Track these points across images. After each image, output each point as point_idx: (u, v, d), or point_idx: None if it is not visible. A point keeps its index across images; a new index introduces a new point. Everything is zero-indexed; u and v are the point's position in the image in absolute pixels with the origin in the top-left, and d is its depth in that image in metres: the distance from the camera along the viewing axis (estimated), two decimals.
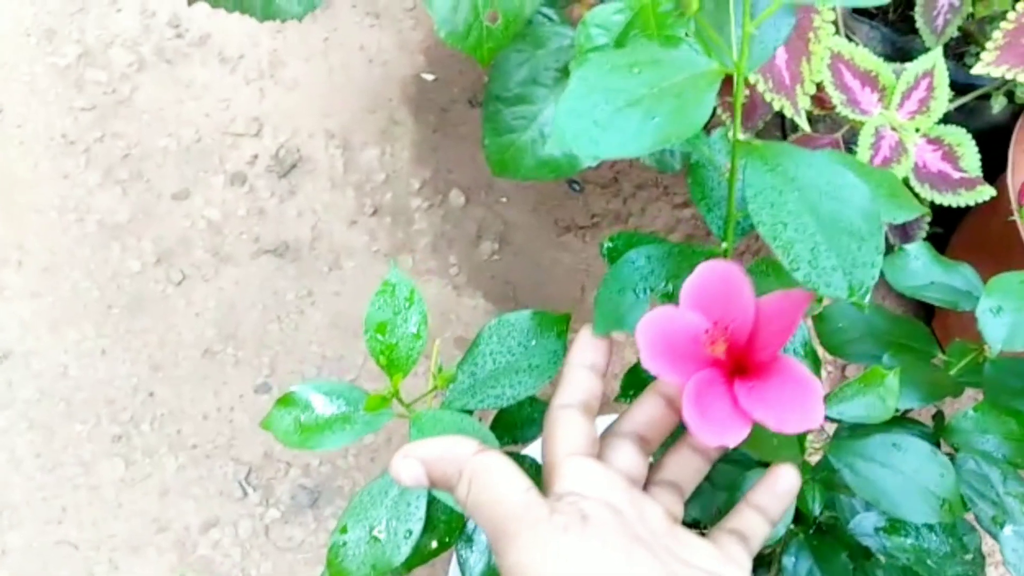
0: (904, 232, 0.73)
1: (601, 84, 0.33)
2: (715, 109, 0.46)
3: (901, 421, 0.45)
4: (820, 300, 0.52)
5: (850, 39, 0.85)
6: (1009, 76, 0.63)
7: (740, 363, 0.33)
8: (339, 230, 1.07)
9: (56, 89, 1.14)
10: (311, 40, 1.16)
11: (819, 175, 0.35)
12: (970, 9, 0.78)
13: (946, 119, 0.78)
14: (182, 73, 1.15)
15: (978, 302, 0.52)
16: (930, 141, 0.67)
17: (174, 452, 0.96)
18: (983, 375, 0.54)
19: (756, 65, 0.37)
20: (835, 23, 0.70)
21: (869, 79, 0.66)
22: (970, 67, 0.68)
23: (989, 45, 0.64)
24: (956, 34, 0.79)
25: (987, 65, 0.64)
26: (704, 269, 0.34)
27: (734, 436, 0.31)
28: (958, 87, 0.75)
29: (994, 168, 0.80)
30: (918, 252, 0.57)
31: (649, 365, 0.32)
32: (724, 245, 0.40)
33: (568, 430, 0.35)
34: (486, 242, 1.08)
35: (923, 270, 0.56)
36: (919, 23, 0.78)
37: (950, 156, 0.67)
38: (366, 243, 1.07)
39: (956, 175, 0.66)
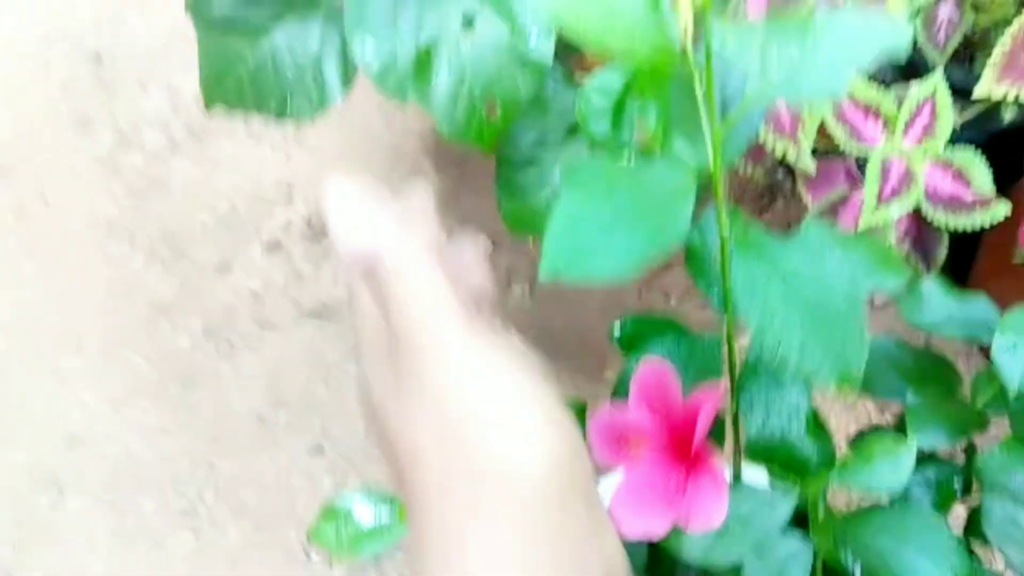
0: (924, 253, 0.73)
1: (582, 208, 0.34)
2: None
3: (910, 507, 0.45)
4: None
5: None
6: (1012, 95, 0.63)
7: (673, 458, 0.35)
8: None
9: (96, 176, 1.19)
10: None
11: (803, 262, 0.36)
12: (971, 19, 0.78)
13: (960, 128, 0.78)
14: (211, 148, 1.20)
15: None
16: (939, 165, 0.67)
17: (238, 521, 1.00)
18: (1008, 408, 0.54)
19: (735, 157, 0.39)
20: None
21: (871, 110, 0.67)
22: (980, 75, 0.68)
23: (988, 64, 0.65)
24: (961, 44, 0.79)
25: (988, 85, 0.64)
26: (643, 368, 0.36)
27: (658, 531, 0.33)
28: (969, 94, 0.75)
29: (1014, 172, 0.80)
30: (932, 287, 0.57)
31: (596, 457, 0.34)
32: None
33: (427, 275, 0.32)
34: (517, 285, 1.10)
35: (939, 305, 0.57)
36: (920, 40, 0.78)
37: (961, 177, 0.67)
38: None
39: (969, 196, 0.67)
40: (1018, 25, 0.63)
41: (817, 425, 0.42)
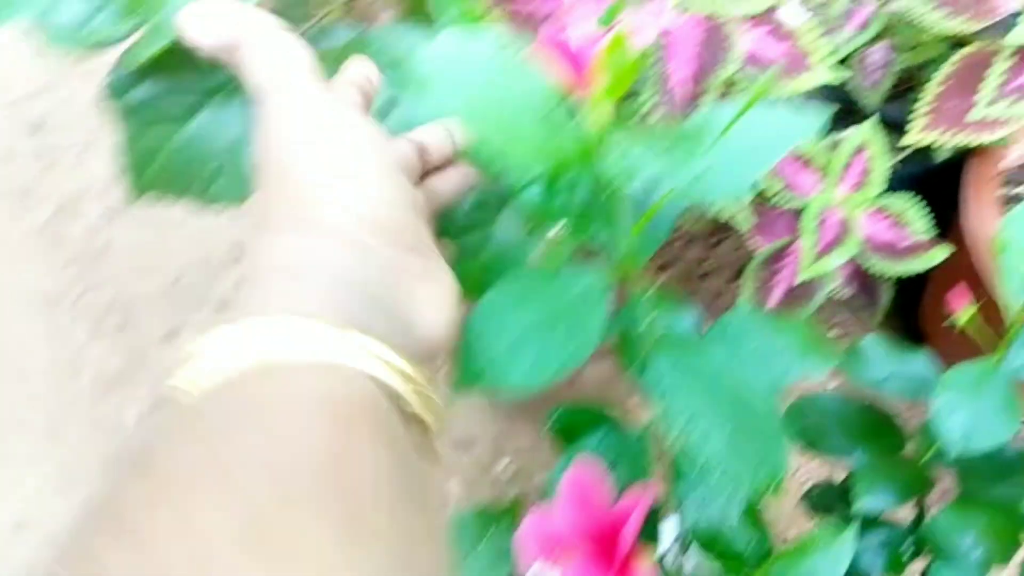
0: (868, 299, 0.73)
1: (494, 321, 0.34)
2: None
3: None
4: None
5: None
6: (940, 141, 0.63)
7: (601, 563, 0.34)
8: None
9: (35, 248, 1.16)
10: None
11: (725, 358, 0.35)
12: (905, 59, 0.78)
13: (901, 163, 0.78)
14: (155, 212, 1.17)
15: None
16: (875, 212, 0.67)
17: None
18: (954, 467, 0.54)
19: (651, 251, 0.38)
20: None
21: (804, 162, 0.67)
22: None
23: (917, 112, 0.65)
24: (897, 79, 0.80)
25: (918, 133, 0.64)
26: (572, 471, 0.35)
27: None
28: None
29: (955, 206, 0.80)
30: (872, 345, 0.57)
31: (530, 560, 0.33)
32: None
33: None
34: None
35: (880, 362, 0.57)
36: (855, 81, 0.78)
37: (898, 223, 0.67)
38: None
39: (906, 242, 0.67)
40: (943, 75, 0.64)
41: (753, 517, 0.41)
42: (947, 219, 0.77)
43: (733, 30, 0.58)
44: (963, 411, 0.49)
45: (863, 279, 0.74)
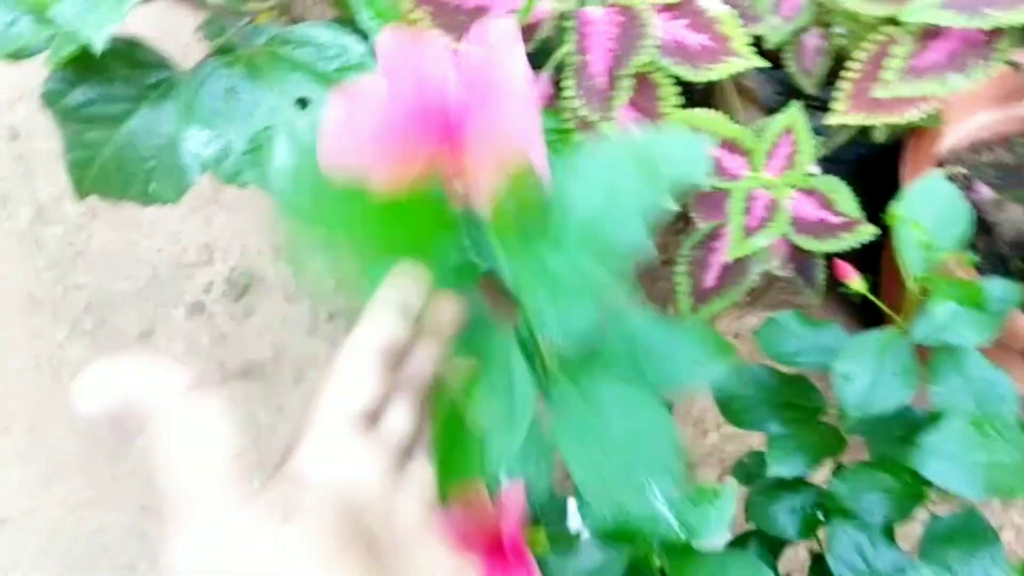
0: (806, 277, 0.75)
1: None
2: None
3: (734, 554, 0.45)
4: None
5: (741, 85, 0.88)
6: (861, 123, 0.65)
7: (494, 558, 0.35)
8: (299, 342, 1.11)
9: (16, 252, 1.19)
10: None
11: (622, 405, 0.36)
12: (840, 44, 0.80)
13: (842, 146, 0.80)
14: (130, 215, 1.20)
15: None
16: (804, 192, 0.69)
17: None
18: (864, 430, 0.56)
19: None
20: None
21: (731, 145, 0.69)
22: None
23: (839, 95, 0.67)
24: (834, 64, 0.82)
25: (841, 115, 0.66)
26: None
27: None
28: None
29: (895, 186, 0.82)
30: (787, 320, 0.59)
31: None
32: None
33: (350, 380, 0.30)
34: None
35: (795, 336, 0.59)
36: (791, 67, 0.80)
37: (826, 203, 0.69)
38: (327, 350, 1.10)
39: (835, 220, 0.69)
40: (860, 57, 0.65)
41: None
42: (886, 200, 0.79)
43: (650, 20, 0.60)
44: (865, 376, 0.51)
45: (800, 258, 0.76)
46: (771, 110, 0.80)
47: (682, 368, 0.35)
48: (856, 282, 0.53)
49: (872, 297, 0.54)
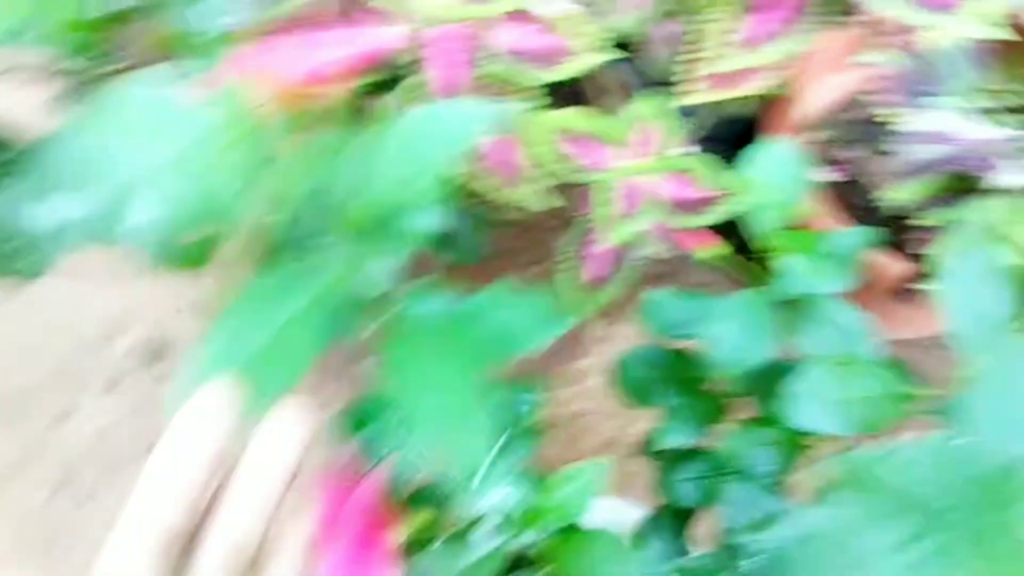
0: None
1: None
2: None
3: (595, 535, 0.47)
4: None
5: (617, 78, 0.91)
6: (715, 99, 0.68)
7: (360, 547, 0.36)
8: None
9: None
10: None
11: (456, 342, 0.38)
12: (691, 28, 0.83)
13: (723, 122, 0.83)
14: (36, 294, 1.18)
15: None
16: (671, 174, 0.72)
17: None
18: (746, 390, 0.58)
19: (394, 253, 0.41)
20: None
21: (597, 138, 0.71)
22: None
23: (690, 75, 0.70)
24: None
25: (696, 95, 0.69)
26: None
27: None
28: None
29: None
30: (663, 296, 0.61)
31: None
32: None
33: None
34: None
35: (673, 309, 0.61)
36: (650, 55, 0.83)
37: (692, 181, 0.72)
38: None
39: (702, 195, 0.71)
40: (708, 34, 0.68)
41: None
42: None
43: (489, 31, 0.62)
44: (731, 336, 0.53)
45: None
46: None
47: (521, 334, 0.36)
48: (710, 250, 0.55)
49: (740, 260, 0.57)
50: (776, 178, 0.54)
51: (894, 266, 0.74)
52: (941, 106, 0.63)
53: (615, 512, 0.73)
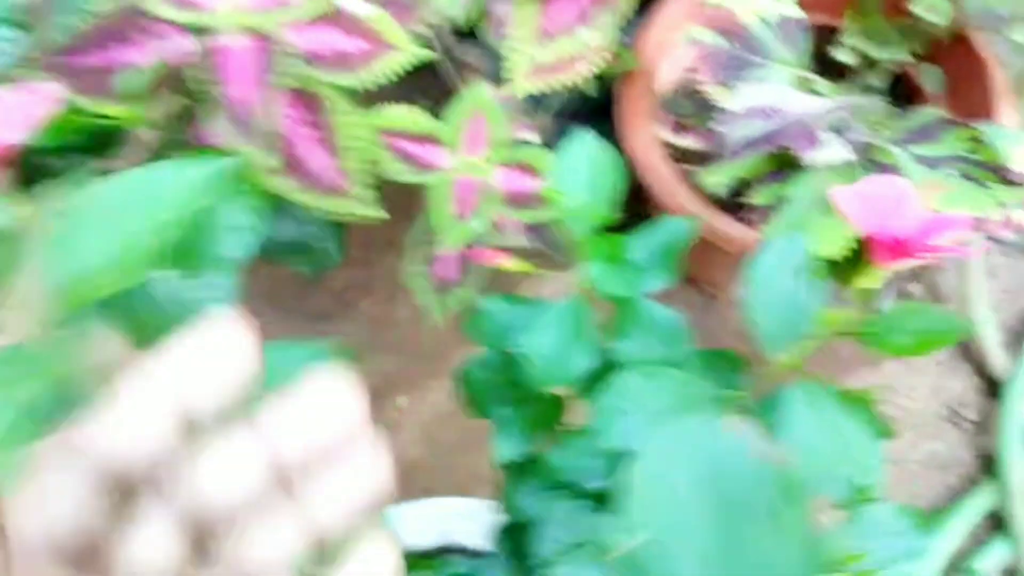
0: (551, 246, 0.75)
1: None
2: None
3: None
4: None
5: (462, 64, 0.87)
6: (539, 88, 0.65)
7: None
8: None
9: None
10: None
11: None
12: None
13: (581, 104, 0.81)
14: None
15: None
16: (509, 168, 0.69)
17: None
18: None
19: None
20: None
21: (427, 138, 0.68)
22: None
23: (510, 65, 0.67)
24: None
25: (519, 85, 0.66)
26: None
27: None
28: None
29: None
30: (493, 303, 0.59)
31: None
32: None
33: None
34: None
35: (501, 318, 0.58)
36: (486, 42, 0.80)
37: (532, 171, 0.69)
38: None
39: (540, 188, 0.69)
40: (519, 23, 0.65)
41: None
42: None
43: (286, 38, 0.58)
44: (547, 346, 0.51)
45: (539, 230, 0.76)
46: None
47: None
48: (506, 264, 0.53)
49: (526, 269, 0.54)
50: (584, 177, 0.52)
51: (746, 234, 0.72)
52: (765, 80, 0.61)
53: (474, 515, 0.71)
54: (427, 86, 0.80)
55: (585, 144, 0.54)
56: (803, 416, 0.46)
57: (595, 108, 0.86)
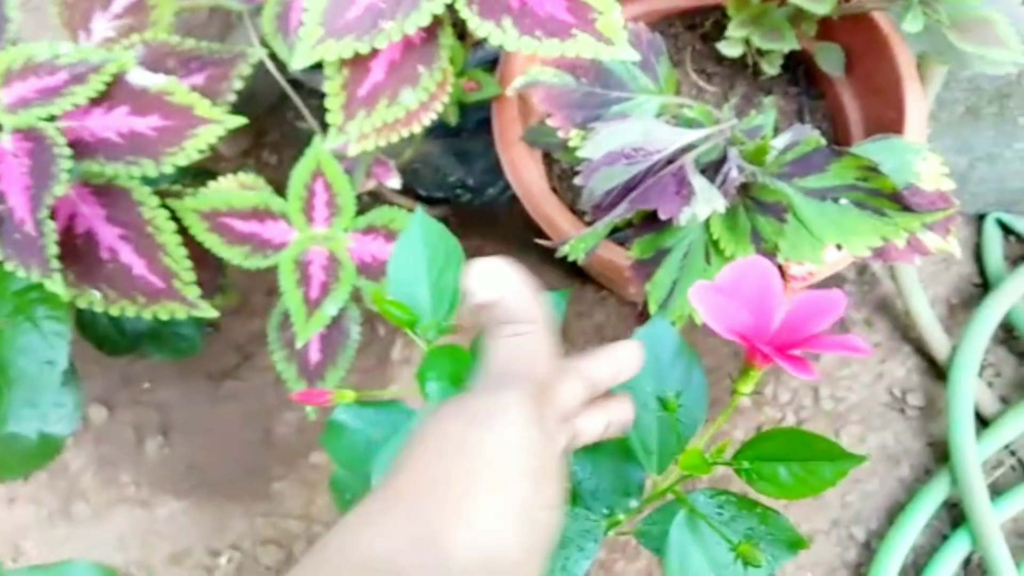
0: None
1: None
2: None
3: None
4: None
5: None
6: (374, 146, 0.57)
7: None
8: (2, 515, 0.98)
9: None
10: None
11: None
12: None
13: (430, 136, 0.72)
14: None
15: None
16: (363, 233, 0.61)
17: None
18: None
19: None
20: None
21: (262, 213, 0.60)
22: None
23: (337, 126, 0.58)
24: None
25: (356, 145, 0.58)
26: None
27: None
28: None
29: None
30: (351, 409, 0.51)
31: None
32: None
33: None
34: (149, 440, 1.00)
35: (359, 432, 0.51)
36: None
37: (390, 234, 0.61)
38: (35, 513, 0.98)
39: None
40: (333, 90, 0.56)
41: None
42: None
43: (58, 137, 0.50)
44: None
45: None
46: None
47: None
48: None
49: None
50: (420, 272, 0.44)
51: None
52: (628, 114, 0.54)
53: None
54: (275, 141, 0.72)
55: (425, 229, 0.46)
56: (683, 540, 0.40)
57: (479, 121, 0.78)
